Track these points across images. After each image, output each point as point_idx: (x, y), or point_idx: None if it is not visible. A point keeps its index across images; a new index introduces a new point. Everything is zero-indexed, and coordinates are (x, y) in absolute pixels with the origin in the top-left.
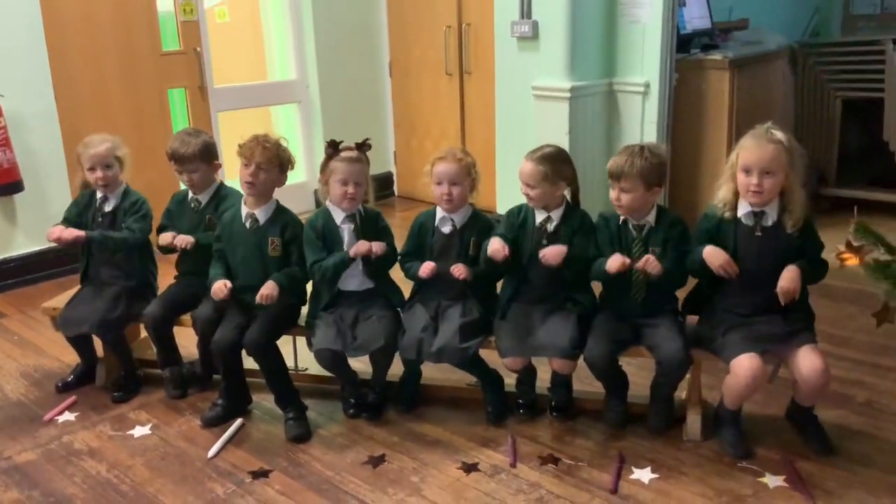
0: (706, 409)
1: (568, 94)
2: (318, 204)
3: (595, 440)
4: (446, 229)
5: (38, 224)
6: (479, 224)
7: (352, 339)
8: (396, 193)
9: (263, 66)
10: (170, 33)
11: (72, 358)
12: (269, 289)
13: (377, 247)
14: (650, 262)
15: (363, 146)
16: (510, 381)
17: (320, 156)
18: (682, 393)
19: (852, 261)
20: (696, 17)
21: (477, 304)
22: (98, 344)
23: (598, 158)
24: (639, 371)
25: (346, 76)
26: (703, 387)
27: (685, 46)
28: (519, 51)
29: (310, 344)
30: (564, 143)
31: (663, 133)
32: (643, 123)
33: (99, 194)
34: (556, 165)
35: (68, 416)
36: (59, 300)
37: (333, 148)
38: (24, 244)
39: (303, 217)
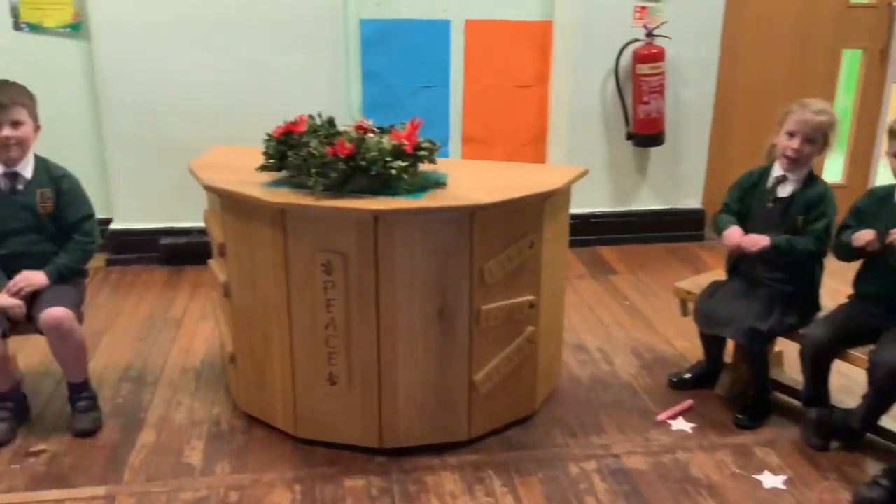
0: None
1: None
2: None
3: None
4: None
5: (665, 182)
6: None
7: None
8: None
9: None
10: None
11: (686, 346)
12: None
13: None
14: None
15: None
16: None
17: None
18: None
19: None
20: None
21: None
22: (729, 346)
23: None
24: None
25: None
26: None
27: None
28: None
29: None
30: None
31: None
32: None
33: (776, 173)
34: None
35: (683, 425)
36: (693, 283)
37: None
38: (648, 201)
39: None
